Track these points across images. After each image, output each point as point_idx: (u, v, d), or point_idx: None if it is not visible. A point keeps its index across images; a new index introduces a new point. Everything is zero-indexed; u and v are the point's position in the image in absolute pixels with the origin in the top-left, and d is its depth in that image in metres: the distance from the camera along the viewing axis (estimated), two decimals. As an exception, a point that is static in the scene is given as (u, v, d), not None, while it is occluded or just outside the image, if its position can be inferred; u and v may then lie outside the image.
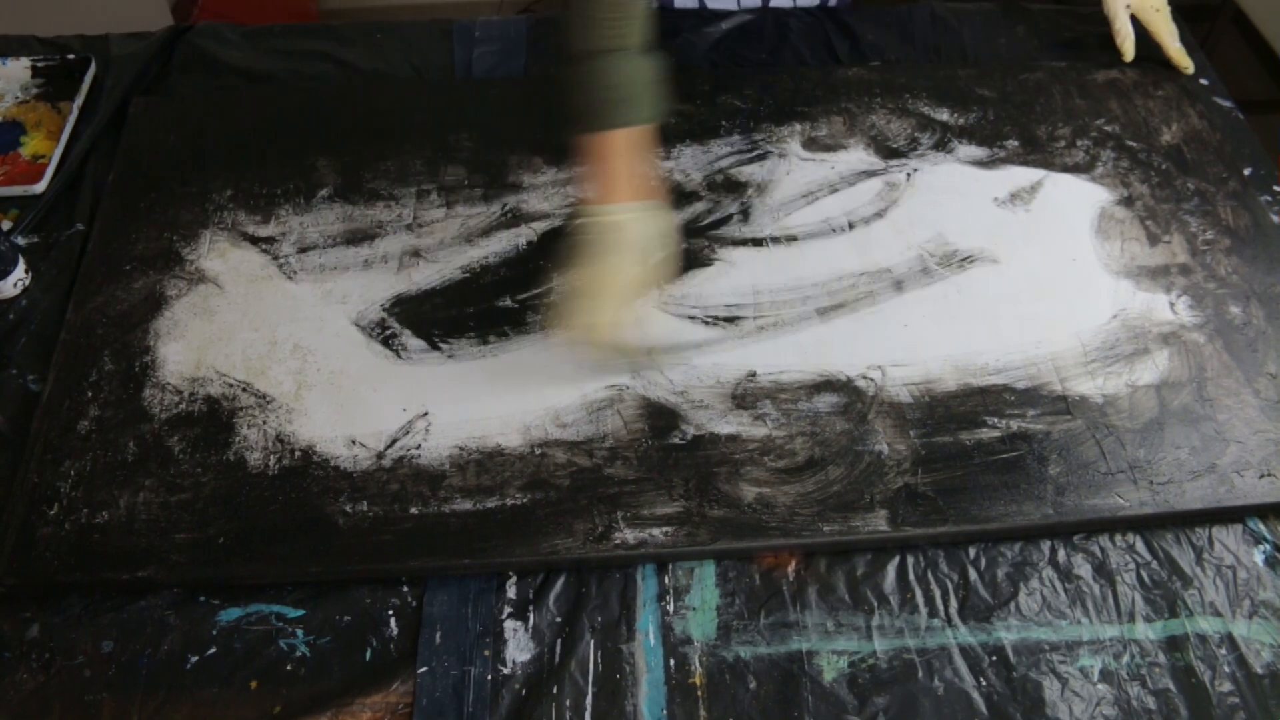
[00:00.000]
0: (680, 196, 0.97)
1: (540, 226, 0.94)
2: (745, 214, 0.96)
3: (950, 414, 0.82)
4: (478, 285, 0.90)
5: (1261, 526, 0.79)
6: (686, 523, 0.76)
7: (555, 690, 0.70)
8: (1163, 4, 1.09)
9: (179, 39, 1.14)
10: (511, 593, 0.75)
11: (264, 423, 0.81)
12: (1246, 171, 1.02)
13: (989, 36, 1.17)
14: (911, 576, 0.76)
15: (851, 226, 0.95)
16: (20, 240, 0.95)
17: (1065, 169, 1.00)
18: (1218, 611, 0.75)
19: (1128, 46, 1.09)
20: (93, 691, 0.70)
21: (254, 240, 0.93)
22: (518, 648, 0.73)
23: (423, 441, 0.80)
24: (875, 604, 0.75)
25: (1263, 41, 1.98)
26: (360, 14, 2.42)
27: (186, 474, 0.78)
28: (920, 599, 0.75)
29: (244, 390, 0.83)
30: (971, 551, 0.78)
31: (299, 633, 0.73)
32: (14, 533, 0.75)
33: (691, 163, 1.00)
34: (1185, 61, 1.10)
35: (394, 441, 0.80)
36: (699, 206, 0.96)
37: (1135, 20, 1.10)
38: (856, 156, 1.01)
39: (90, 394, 0.82)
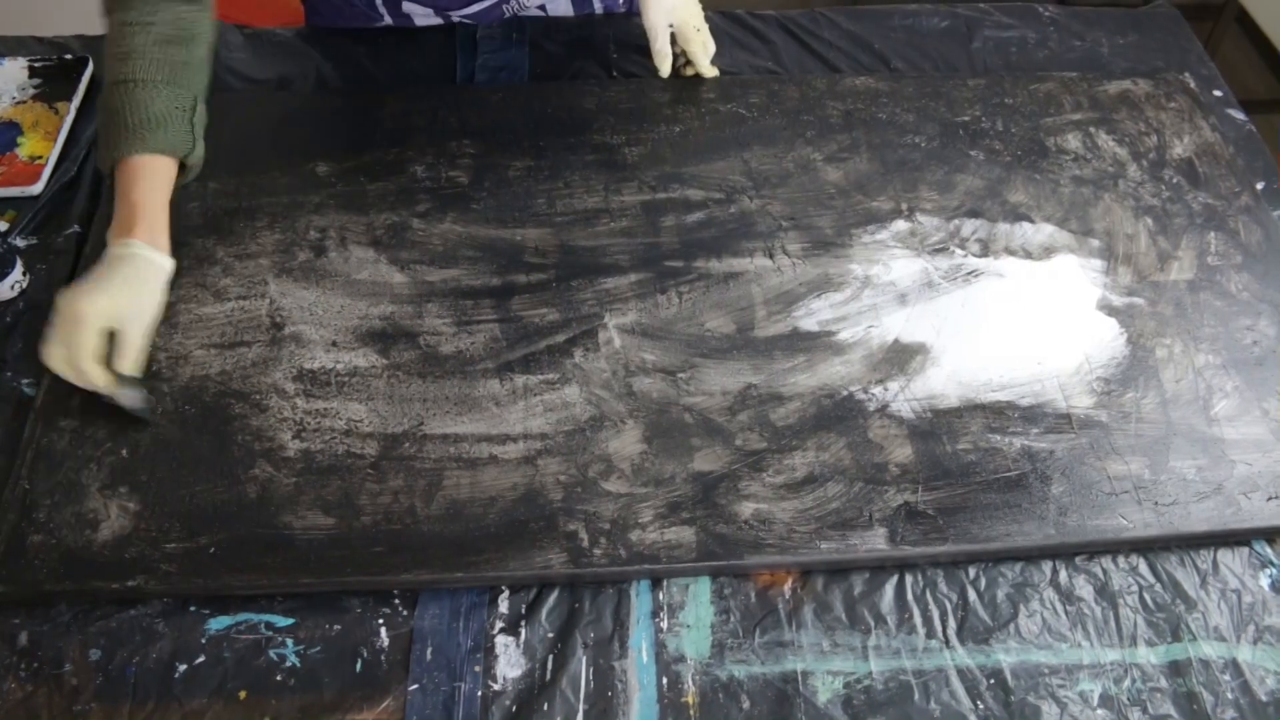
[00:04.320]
0: (686, 206, 0.96)
1: (540, 235, 0.94)
2: (748, 226, 0.95)
3: (952, 430, 0.81)
4: (474, 295, 0.89)
5: (1268, 550, 0.78)
6: (682, 538, 0.75)
7: (546, 707, 0.70)
8: (702, 24, 1.06)
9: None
10: (504, 607, 0.75)
11: (259, 431, 0.80)
12: (1259, 185, 1.00)
13: (999, 45, 1.15)
14: (910, 596, 0.75)
15: (856, 239, 0.94)
16: (18, 242, 0.94)
17: (1074, 181, 0.99)
18: (1222, 636, 0.73)
19: (665, 66, 1.05)
20: (81, 701, 0.69)
21: (253, 246, 0.92)
22: (509, 663, 0.72)
23: (417, 452, 0.79)
24: (872, 624, 0.74)
25: (1265, 40, 1.97)
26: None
27: (179, 482, 0.77)
28: (918, 619, 0.74)
29: (239, 398, 0.82)
30: (971, 571, 0.76)
31: (289, 643, 0.73)
32: (3, 539, 0.74)
33: (694, 171, 0.99)
34: (713, 70, 1.08)
35: (389, 452, 0.79)
36: (699, 215, 0.95)
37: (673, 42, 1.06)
38: (863, 169, 1.00)
39: (84, 399, 0.82)
